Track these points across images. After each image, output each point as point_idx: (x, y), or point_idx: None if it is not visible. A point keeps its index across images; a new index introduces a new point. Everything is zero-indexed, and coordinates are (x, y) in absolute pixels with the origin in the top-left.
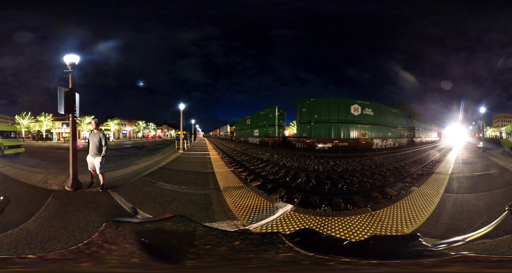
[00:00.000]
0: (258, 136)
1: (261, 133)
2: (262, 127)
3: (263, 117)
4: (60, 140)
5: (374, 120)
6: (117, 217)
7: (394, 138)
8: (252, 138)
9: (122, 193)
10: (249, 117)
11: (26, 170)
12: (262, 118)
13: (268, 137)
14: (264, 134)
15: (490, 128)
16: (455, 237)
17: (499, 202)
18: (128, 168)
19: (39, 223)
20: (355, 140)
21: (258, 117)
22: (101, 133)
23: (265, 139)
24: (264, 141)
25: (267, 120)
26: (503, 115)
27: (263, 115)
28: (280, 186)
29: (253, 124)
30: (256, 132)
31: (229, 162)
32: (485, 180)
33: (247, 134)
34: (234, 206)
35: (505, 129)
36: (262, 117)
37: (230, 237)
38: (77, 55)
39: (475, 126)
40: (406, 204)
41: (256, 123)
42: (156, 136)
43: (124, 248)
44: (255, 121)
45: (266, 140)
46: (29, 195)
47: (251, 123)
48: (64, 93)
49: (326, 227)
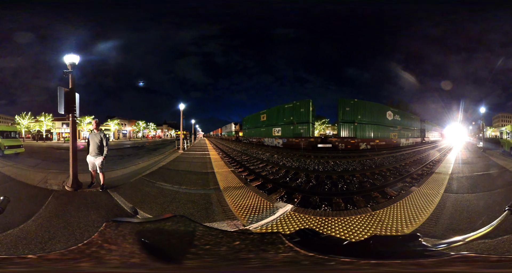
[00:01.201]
0: (281, 136)
1: (286, 132)
2: (288, 125)
3: (290, 112)
4: (60, 140)
5: (402, 123)
6: (117, 217)
7: (413, 138)
8: (270, 139)
9: (122, 193)
10: (264, 112)
11: (26, 170)
12: (287, 113)
13: (298, 138)
14: (293, 134)
15: (490, 128)
16: (455, 237)
17: (499, 202)
18: (128, 168)
19: (39, 223)
20: (390, 140)
21: (281, 112)
22: (102, 133)
23: (293, 141)
24: (291, 142)
25: (297, 116)
26: (503, 115)
27: (289, 110)
28: (280, 186)
29: (271, 120)
30: (277, 130)
31: (229, 162)
32: (485, 180)
33: (262, 133)
34: (234, 206)
35: (505, 129)
36: (287, 112)
37: (230, 237)
38: (77, 55)
39: (475, 126)
40: (406, 204)
41: (277, 119)
42: (156, 136)
43: (124, 248)
44: (275, 117)
45: (296, 141)
46: (29, 195)
47: (268, 120)
48: (64, 93)
49: (326, 227)
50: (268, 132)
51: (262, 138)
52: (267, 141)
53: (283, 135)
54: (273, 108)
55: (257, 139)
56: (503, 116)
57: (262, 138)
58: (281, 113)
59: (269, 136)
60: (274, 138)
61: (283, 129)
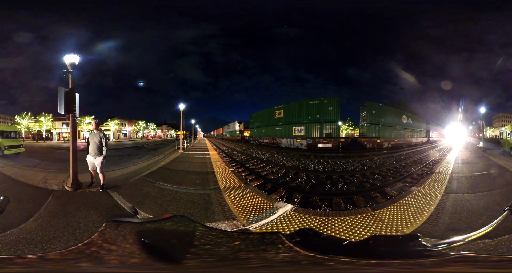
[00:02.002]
0: (304, 137)
1: (310, 131)
2: (314, 123)
3: (316, 109)
4: (60, 140)
5: (413, 125)
6: (117, 217)
7: (421, 138)
8: (290, 140)
9: (122, 193)
10: (281, 108)
11: (26, 170)
12: (313, 110)
13: (327, 138)
14: (320, 134)
15: (490, 128)
16: (455, 237)
17: (499, 202)
18: (128, 168)
19: (39, 223)
20: (405, 140)
21: (305, 108)
22: (101, 133)
23: (320, 141)
24: (318, 143)
25: (325, 114)
26: (503, 115)
27: (315, 107)
28: (280, 186)
29: (291, 117)
30: (299, 130)
31: (229, 162)
32: (485, 180)
33: (278, 133)
34: (234, 206)
35: (505, 129)
36: (313, 109)
37: (230, 237)
38: (77, 55)
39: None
40: (406, 204)
41: (299, 116)
42: (156, 136)
43: (124, 248)
44: (297, 113)
45: (324, 142)
46: (29, 195)
47: (286, 117)
48: (64, 93)
49: (326, 227)
50: (287, 132)
51: (278, 139)
52: (285, 142)
53: (307, 135)
54: (293, 104)
55: (270, 140)
56: (503, 116)
57: (278, 139)
58: (304, 109)
59: (288, 136)
60: (294, 139)
61: (307, 128)
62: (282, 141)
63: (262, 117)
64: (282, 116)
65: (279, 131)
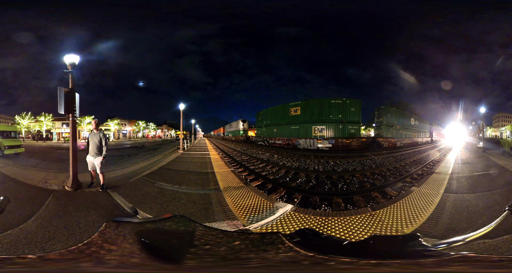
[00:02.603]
0: (325, 137)
1: (332, 131)
2: (336, 123)
3: (338, 108)
4: (60, 140)
5: (419, 126)
6: (117, 217)
7: (425, 138)
8: (309, 140)
9: (122, 193)
10: (298, 105)
11: (26, 170)
12: (335, 110)
13: (349, 138)
14: (343, 134)
15: (490, 128)
16: (455, 237)
17: (499, 202)
18: (128, 168)
19: (39, 223)
20: (413, 139)
21: (326, 107)
22: (101, 133)
23: (343, 141)
24: (341, 143)
25: (347, 114)
26: (503, 115)
27: (337, 106)
28: (280, 186)
29: (311, 116)
30: (320, 129)
31: (229, 162)
32: (485, 180)
33: (294, 132)
34: (234, 206)
35: (505, 129)
36: (335, 109)
37: (230, 237)
38: (77, 55)
39: (475, 126)
40: (406, 204)
41: (320, 115)
42: (156, 136)
43: (124, 248)
44: (317, 112)
45: (346, 142)
46: (29, 195)
47: (304, 115)
48: (64, 93)
49: (326, 227)
50: (305, 132)
51: (295, 139)
52: (304, 143)
53: (328, 135)
54: (312, 101)
55: (284, 141)
56: (503, 116)
57: (295, 139)
58: (326, 108)
59: (307, 137)
60: (314, 139)
61: (329, 127)
62: (299, 142)
63: (272, 115)
64: (299, 114)
65: (295, 130)
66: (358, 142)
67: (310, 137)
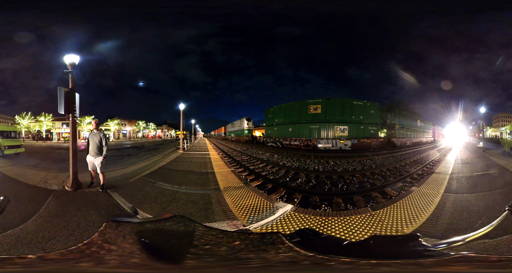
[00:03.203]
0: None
1: (354, 132)
2: (357, 124)
3: (359, 110)
4: (60, 140)
5: (424, 127)
6: (117, 217)
7: (428, 137)
8: (332, 140)
9: (122, 193)
10: (318, 102)
11: (26, 170)
12: (356, 111)
13: (370, 138)
14: (364, 134)
15: (490, 128)
16: (455, 237)
17: (499, 202)
18: (128, 168)
19: (39, 223)
20: (419, 139)
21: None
22: (101, 133)
23: (364, 141)
24: (362, 143)
25: (367, 115)
26: (503, 115)
27: (358, 107)
28: (280, 186)
29: (332, 115)
30: (342, 129)
31: (229, 162)
32: (485, 180)
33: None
34: (234, 206)
35: (505, 129)
36: (356, 110)
37: (230, 237)
38: (77, 55)
39: (475, 126)
40: (406, 204)
41: (342, 115)
42: (156, 136)
43: (124, 248)
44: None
45: (367, 142)
46: (29, 195)
47: (325, 114)
48: (64, 93)
49: (326, 227)
50: (327, 131)
51: (315, 140)
52: (325, 144)
53: (350, 135)
54: (334, 100)
55: (302, 142)
56: (503, 116)
57: (315, 140)
58: (348, 109)
59: (329, 137)
60: (337, 139)
61: (351, 128)
62: (321, 142)
63: (287, 112)
64: (320, 113)
65: (315, 130)
66: (377, 142)
67: (332, 137)
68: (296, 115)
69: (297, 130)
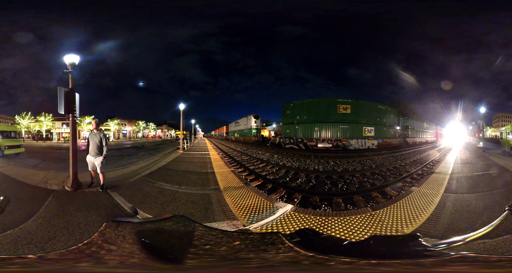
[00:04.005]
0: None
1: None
2: (381, 125)
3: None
4: (60, 140)
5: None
6: (117, 217)
7: (432, 137)
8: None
9: (122, 193)
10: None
11: (26, 170)
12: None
13: (391, 138)
14: (386, 135)
15: (490, 128)
16: (455, 237)
17: (499, 202)
18: (128, 168)
19: (39, 223)
20: (425, 138)
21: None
22: (101, 133)
23: (387, 141)
24: (385, 143)
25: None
26: (503, 115)
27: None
28: (280, 186)
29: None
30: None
31: (229, 162)
32: (485, 180)
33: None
34: (234, 206)
35: (505, 129)
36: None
37: (230, 237)
38: (77, 55)
39: (475, 126)
40: (406, 204)
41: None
42: (156, 136)
43: (124, 248)
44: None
45: (389, 141)
46: (29, 195)
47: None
48: (64, 93)
49: (326, 227)
50: (357, 132)
51: (345, 140)
52: (355, 144)
53: (376, 136)
54: (362, 102)
55: (331, 142)
56: (503, 116)
57: (345, 140)
58: (374, 111)
59: (358, 137)
60: (366, 139)
61: (377, 129)
62: (351, 142)
63: (312, 109)
64: (349, 113)
65: (344, 130)
66: (396, 141)
67: (361, 137)
68: (323, 113)
69: (324, 130)
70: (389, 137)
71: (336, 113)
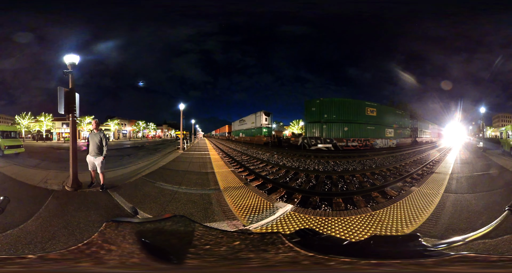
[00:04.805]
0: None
1: (396, 133)
2: (397, 128)
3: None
4: (60, 140)
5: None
6: (117, 217)
7: (435, 137)
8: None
9: (122, 193)
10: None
11: (26, 170)
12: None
13: (405, 138)
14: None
15: (490, 128)
16: (455, 237)
17: (499, 202)
18: (128, 168)
19: (39, 223)
20: (430, 138)
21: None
22: (101, 133)
23: (403, 140)
24: (402, 142)
25: (402, 122)
26: (503, 115)
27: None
28: (280, 186)
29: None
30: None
31: (229, 162)
32: (485, 180)
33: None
34: (234, 206)
35: (505, 129)
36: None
37: (230, 237)
38: (76, 55)
39: (475, 126)
40: (406, 204)
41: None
42: (156, 136)
43: (124, 248)
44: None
45: (405, 141)
46: (29, 195)
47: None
48: (64, 93)
49: (326, 227)
50: (380, 132)
51: (372, 140)
52: (380, 143)
53: (395, 136)
54: (385, 107)
55: (361, 142)
56: (503, 116)
57: (372, 140)
58: (392, 115)
59: (382, 137)
60: (388, 139)
61: (395, 130)
62: (377, 142)
63: (340, 108)
64: (375, 116)
65: (371, 131)
66: (410, 141)
67: (384, 137)
68: (352, 114)
69: (353, 130)
70: (404, 137)
71: (364, 115)
